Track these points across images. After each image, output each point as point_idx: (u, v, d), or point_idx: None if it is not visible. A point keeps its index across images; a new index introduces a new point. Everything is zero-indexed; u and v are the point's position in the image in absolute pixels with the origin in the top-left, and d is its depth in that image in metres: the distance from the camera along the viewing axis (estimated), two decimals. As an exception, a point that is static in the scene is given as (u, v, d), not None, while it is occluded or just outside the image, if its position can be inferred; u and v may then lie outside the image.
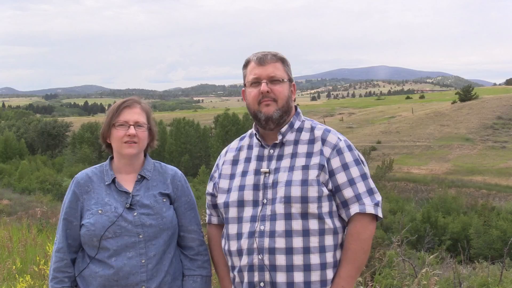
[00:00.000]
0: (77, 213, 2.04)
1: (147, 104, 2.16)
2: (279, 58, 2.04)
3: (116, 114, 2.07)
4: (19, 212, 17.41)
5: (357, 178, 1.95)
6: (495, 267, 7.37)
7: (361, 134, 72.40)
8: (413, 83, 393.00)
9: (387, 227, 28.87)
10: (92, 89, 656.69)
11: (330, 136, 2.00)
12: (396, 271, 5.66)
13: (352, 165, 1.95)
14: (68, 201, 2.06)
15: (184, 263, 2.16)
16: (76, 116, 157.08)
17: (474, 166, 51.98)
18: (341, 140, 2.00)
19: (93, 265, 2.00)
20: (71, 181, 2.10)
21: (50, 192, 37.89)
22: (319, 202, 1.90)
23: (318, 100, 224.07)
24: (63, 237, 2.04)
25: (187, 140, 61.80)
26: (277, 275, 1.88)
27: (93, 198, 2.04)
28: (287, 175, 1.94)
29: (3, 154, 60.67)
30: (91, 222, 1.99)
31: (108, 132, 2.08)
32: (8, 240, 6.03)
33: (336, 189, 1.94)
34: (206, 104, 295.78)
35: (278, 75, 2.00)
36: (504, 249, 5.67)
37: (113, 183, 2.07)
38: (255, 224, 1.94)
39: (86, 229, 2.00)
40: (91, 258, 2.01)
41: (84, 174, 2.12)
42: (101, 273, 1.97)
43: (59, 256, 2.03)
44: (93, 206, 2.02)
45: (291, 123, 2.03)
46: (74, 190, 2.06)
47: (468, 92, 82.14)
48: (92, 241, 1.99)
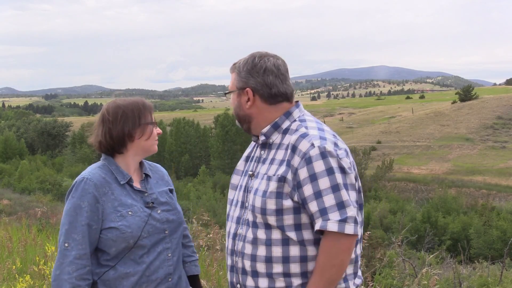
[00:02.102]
0: (97, 216, 1.97)
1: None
2: (235, 68, 2.05)
3: (144, 113, 2.11)
4: (19, 212, 17.41)
5: (326, 191, 1.78)
6: (495, 267, 7.39)
7: (361, 134, 72.45)
8: (413, 83, 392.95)
9: (387, 227, 28.90)
10: (92, 89, 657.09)
11: (302, 143, 1.85)
12: (396, 271, 5.67)
13: (321, 176, 1.79)
14: (88, 204, 1.96)
15: (184, 251, 2.26)
16: (76, 116, 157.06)
17: (474, 166, 52.04)
18: (313, 147, 1.82)
19: (121, 266, 1.98)
20: (81, 182, 1.99)
21: (50, 192, 37.94)
22: (278, 215, 1.86)
23: (318, 100, 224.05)
24: (85, 243, 1.94)
25: (187, 140, 61.88)
26: (247, 279, 1.93)
27: (115, 200, 2.01)
28: (258, 182, 1.94)
29: (3, 154, 60.73)
30: (126, 224, 1.98)
31: (134, 130, 2.08)
32: (8, 240, 6.03)
33: (303, 202, 1.84)
34: (206, 104, 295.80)
35: (229, 88, 2.07)
36: (504, 249, 5.67)
37: (127, 183, 2.08)
38: (239, 226, 1.99)
39: (121, 232, 1.97)
40: (117, 260, 1.99)
41: (97, 175, 2.03)
42: (133, 272, 1.99)
43: (82, 263, 1.93)
44: (119, 208, 2.00)
45: (275, 124, 1.98)
46: (93, 192, 1.97)
47: (468, 92, 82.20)
48: (128, 243, 1.98)
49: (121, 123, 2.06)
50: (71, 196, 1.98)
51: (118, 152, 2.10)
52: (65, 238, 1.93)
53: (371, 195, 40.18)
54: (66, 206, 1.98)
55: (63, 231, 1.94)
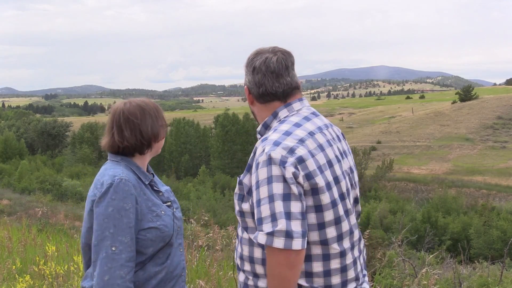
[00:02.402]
0: (136, 217, 1.95)
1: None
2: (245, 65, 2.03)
3: (162, 114, 2.16)
4: (19, 212, 17.44)
5: (263, 200, 1.71)
6: (495, 267, 7.38)
7: (361, 134, 72.45)
8: (413, 83, 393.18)
9: (387, 227, 28.89)
10: (92, 89, 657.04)
11: (259, 148, 1.81)
12: (396, 271, 5.67)
13: (262, 184, 1.72)
14: (131, 205, 1.93)
15: None
16: (76, 116, 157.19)
17: (474, 166, 52.03)
18: (263, 153, 1.76)
19: (151, 265, 1.99)
20: (120, 183, 1.92)
21: (50, 192, 37.92)
22: (241, 216, 1.90)
23: (318, 100, 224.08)
24: (133, 245, 1.92)
25: (187, 140, 61.83)
26: (239, 273, 2.00)
27: (148, 200, 2.01)
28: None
29: (3, 154, 60.69)
30: (164, 223, 2.01)
31: (159, 131, 2.11)
32: (8, 240, 6.03)
33: (252, 208, 1.84)
34: (206, 104, 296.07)
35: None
36: (504, 249, 5.67)
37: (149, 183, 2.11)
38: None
39: (160, 232, 1.99)
40: (149, 260, 2.00)
41: (129, 175, 2.00)
42: (160, 270, 2.01)
43: (131, 266, 1.90)
44: (153, 208, 2.01)
45: (265, 123, 1.97)
46: (134, 193, 1.95)
47: (468, 92, 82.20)
48: (165, 242, 2.02)
49: (149, 124, 2.06)
50: (110, 198, 1.90)
51: (141, 152, 2.08)
52: (112, 241, 1.86)
53: (371, 195, 40.19)
54: (106, 209, 1.89)
55: (107, 235, 1.86)
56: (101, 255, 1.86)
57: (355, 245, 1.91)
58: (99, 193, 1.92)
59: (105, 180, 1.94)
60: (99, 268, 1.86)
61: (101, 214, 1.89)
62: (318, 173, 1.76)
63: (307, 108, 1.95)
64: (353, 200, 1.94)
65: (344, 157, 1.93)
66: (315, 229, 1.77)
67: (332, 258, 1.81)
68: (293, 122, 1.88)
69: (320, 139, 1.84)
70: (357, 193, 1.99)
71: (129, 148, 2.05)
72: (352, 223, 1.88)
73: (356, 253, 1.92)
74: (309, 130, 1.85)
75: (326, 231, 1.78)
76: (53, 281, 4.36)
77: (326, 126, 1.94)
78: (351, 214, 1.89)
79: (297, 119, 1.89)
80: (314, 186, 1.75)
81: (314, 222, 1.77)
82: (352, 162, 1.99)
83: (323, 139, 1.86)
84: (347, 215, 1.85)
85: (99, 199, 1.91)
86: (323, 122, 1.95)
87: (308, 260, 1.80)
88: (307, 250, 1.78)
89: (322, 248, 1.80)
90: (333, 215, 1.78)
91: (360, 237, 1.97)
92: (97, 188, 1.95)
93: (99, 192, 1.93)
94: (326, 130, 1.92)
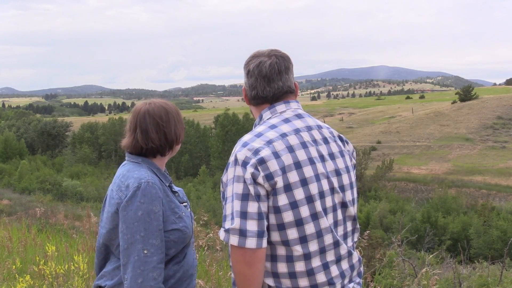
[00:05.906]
0: (162, 219, 1.96)
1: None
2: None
3: (182, 118, 2.17)
4: (19, 212, 17.44)
5: (228, 199, 1.79)
6: (495, 267, 7.37)
7: (361, 134, 72.45)
8: (413, 83, 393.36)
9: (387, 227, 28.91)
10: (92, 89, 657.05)
11: (233, 148, 1.88)
12: (396, 271, 5.66)
13: (229, 184, 1.80)
14: (160, 208, 1.93)
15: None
16: (76, 116, 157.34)
17: (474, 166, 52.02)
18: (233, 154, 1.83)
19: (170, 265, 2.01)
20: (147, 186, 1.91)
21: (50, 192, 38.00)
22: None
23: (318, 100, 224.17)
24: (163, 247, 1.93)
25: (187, 140, 61.82)
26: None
27: (171, 202, 2.01)
28: None
29: (3, 154, 60.76)
30: (185, 225, 2.02)
31: (181, 133, 2.13)
32: (8, 240, 6.03)
33: None
34: (206, 104, 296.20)
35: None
36: (504, 249, 5.67)
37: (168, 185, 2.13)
38: None
39: (182, 233, 2.00)
40: (169, 260, 2.00)
41: (154, 177, 1.99)
42: (178, 269, 2.03)
43: (162, 267, 1.92)
44: (176, 210, 2.02)
45: (255, 124, 2.02)
46: (161, 196, 1.95)
47: (468, 92, 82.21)
48: (186, 243, 2.04)
49: (173, 126, 2.06)
50: (139, 201, 1.88)
51: (163, 154, 2.08)
52: (143, 245, 1.86)
53: (371, 195, 40.23)
54: (135, 212, 1.87)
55: (137, 238, 1.85)
56: (132, 258, 1.85)
57: (328, 249, 1.83)
58: (125, 196, 1.90)
59: (131, 183, 1.91)
60: (132, 271, 1.85)
61: (130, 218, 1.87)
62: (279, 173, 1.75)
63: (292, 110, 1.93)
64: (339, 203, 1.87)
65: (329, 159, 1.88)
66: (275, 230, 1.77)
67: (296, 260, 1.79)
68: (270, 124, 1.88)
69: (292, 141, 1.82)
70: (347, 197, 1.91)
71: (152, 149, 2.03)
72: (324, 226, 1.81)
73: (345, 265, 1.88)
74: (282, 131, 1.83)
75: (287, 232, 1.77)
76: (53, 281, 4.36)
77: (309, 128, 1.90)
78: (327, 215, 1.82)
79: (276, 121, 1.89)
80: (274, 187, 1.75)
81: (274, 223, 1.77)
82: (343, 165, 1.92)
83: (296, 141, 1.83)
84: (316, 217, 1.79)
85: (126, 202, 1.89)
86: (307, 124, 1.91)
87: (274, 260, 1.81)
88: (272, 250, 1.79)
89: (285, 249, 1.79)
90: (293, 217, 1.76)
91: (349, 251, 1.91)
92: (121, 191, 1.92)
93: (124, 195, 1.90)
94: (308, 131, 1.88)
